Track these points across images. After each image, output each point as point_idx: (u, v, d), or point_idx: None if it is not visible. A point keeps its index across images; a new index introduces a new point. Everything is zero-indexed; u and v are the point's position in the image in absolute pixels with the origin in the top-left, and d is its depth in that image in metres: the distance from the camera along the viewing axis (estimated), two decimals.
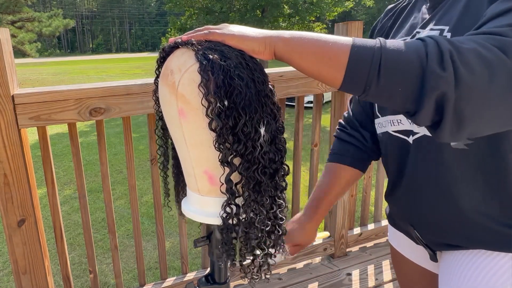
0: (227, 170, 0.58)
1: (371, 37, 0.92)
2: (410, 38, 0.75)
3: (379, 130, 0.85)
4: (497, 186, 0.68)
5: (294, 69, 1.68)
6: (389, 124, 0.81)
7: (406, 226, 0.85)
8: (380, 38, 0.54)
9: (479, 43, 0.50)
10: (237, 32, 0.59)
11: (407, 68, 0.49)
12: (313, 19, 16.87)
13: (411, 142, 0.76)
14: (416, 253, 0.90)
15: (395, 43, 0.52)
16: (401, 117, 0.76)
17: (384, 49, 0.51)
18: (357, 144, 0.93)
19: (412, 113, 0.52)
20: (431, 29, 0.70)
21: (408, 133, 0.77)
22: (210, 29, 0.60)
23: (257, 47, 0.58)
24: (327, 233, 1.07)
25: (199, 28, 0.62)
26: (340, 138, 0.96)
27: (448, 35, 0.66)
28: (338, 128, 0.99)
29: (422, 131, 0.73)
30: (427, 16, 0.75)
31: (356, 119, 0.95)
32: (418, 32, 0.74)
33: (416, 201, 0.78)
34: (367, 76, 0.51)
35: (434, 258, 0.83)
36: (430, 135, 0.71)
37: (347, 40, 0.54)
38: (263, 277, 0.66)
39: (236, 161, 0.58)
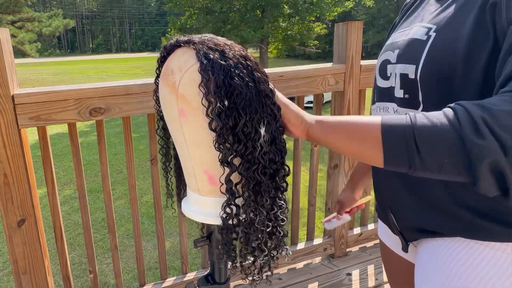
0: (227, 170, 0.58)
1: (389, 33, 0.93)
2: (408, 31, 0.76)
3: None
4: None
5: (294, 69, 1.68)
6: (381, 110, 0.83)
7: (385, 211, 0.86)
8: (408, 113, 0.55)
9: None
10: (287, 101, 0.63)
11: (444, 140, 0.50)
12: (313, 19, 16.87)
13: None
14: (396, 243, 0.91)
15: (424, 114, 0.52)
16: (389, 105, 0.78)
17: (414, 123, 0.51)
18: None
19: (473, 183, 0.51)
20: (423, 26, 0.71)
21: None
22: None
23: (295, 120, 0.61)
24: (369, 197, 1.22)
25: None
26: None
27: (433, 34, 0.67)
28: None
29: None
30: (432, 9, 0.75)
31: None
32: (415, 26, 0.75)
33: (393, 187, 0.79)
34: (406, 151, 0.52)
35: (405, 248, 0.83)
36: None
37: (376, 119, 0.55)
38: (264, 278, 0.66)
39: (236, 161, 0.57)
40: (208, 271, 0.77)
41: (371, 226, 2.08)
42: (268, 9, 15.21)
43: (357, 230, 2.04)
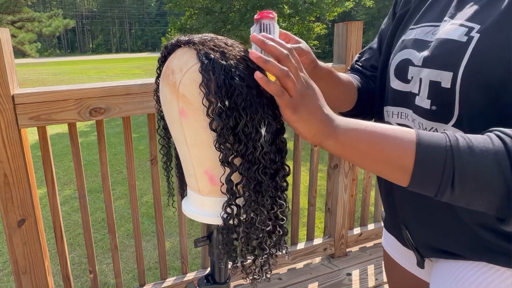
0: (228, 170, 0.58)
1: (394, 7, 0.82)
2: (436, 26, 0.66)
3: (385, 118, 0.78)
4: None
5: None
6: (396, 115, 0.73)
7: (399, 226, 0.79)
8: (448, 133, 0.47)
9: None
10: (301, 108, 0.52)
11: (488, 185, 0.45)
12: (313, 19, 16.87)
13: None
14: (407, 258, 0.86)
15: (467, 144, 0.46)
16: (407, 112, 0.70)
17: (457, 157, 0.45)
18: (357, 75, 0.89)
19: (498, 221, 0.49)
20: (461, 25, 0.60)
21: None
22: (291, 68, 0.53)
23: (307, 133, 0.53)
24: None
25: (284, 46, 0.54)
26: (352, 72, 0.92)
27: (477, 36, 0.57)
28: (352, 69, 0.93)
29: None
30: (466, 3, 0.63)
31: (360, 65, 0.90)
32: (445, 21, 0.65)
33: (411, 205, 0.73)
34: (438, 186, 0.46)
35: (421, 264, 0.77)
36: None
37: (409, 137, 0.47)
38: (265, 277, 0.66)
39: (237, 161, 0.58)
40: (208, 271, 0.77)
41: (371, 226, 2.08)
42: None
43: (357, 230, 2.04)
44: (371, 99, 0.86)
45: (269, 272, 0.66)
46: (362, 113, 0.87)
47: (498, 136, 0.47)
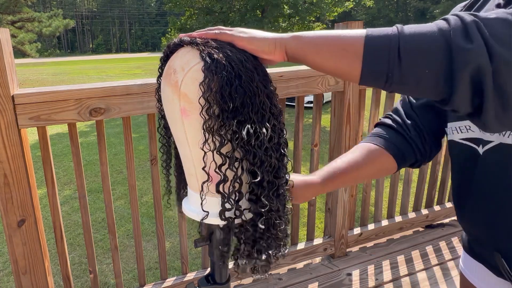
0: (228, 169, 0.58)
1: None
2: None
3: (448, 137, 0.77)
4: None
5: (294, 69, 1.67)
6: (456, 131, 0.73)
7: (489, 253, 0.71)
8: (397, 24, 0.50)
9: (509, 12, 0.46)
10: (247, 33, 0.58)
11: (430, 46, 0.46)
12: (313, 19, 16.88)
13: (481, 152, 0.68)
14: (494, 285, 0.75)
15: (414, 25, 0.48)
16: (469, 123, 0.69)
17: (401, 32, 0.48)
18: (399, 130, 0.83)
19: (447, 98, 0.47)
20: None
21: (478, 141, 0.68)
22: (222, 29, 0.60)
23: (267, 47, 0.57)
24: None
25: (211, 28, 0.61)
26: (381, 123, 0.87)
27: None
28: (382, 117, 0.90)
29: (496, 139, 0.64)
30: None
31: (402, 108, 0.86)
32: None
33: (497, 221, 0.67)
34: (387, 62, 0.47)
35: None
36: (506, 143, 0.62)
37: (361, 30, 0.51)
38: (264, 277, 0.66)
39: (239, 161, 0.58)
40: (208, 271, 0.77)
41: (371, 226, 2.08)
42: (268, 9, 15.21)
43: (357, 230, 2.04)
44: (417, 140, 0.82)
45: (268, 272, 0.66)
46: (421, 159, 0.83)
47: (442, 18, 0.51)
